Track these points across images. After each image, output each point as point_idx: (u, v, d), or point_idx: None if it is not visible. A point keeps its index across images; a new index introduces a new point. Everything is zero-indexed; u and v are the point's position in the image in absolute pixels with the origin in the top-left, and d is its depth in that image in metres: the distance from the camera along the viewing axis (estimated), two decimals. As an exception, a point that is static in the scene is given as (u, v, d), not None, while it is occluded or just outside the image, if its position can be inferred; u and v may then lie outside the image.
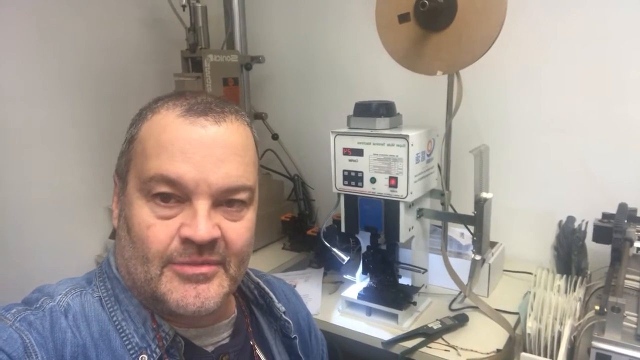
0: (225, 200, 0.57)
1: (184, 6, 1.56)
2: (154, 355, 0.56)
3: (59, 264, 1.52)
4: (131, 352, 0.55)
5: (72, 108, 1.54)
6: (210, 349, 0.62)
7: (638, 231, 1.13)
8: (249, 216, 0.60)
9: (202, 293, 0.55)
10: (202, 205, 0.54)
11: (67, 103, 1.53)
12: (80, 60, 1.54)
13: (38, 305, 0.55)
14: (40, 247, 1.49)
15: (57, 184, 1.53)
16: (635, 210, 1.20)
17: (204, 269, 0.56)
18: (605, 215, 1.21)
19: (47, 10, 1.45)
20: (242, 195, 0.58)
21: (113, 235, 1.62)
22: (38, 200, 1.48)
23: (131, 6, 1.68)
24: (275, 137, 1.80)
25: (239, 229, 0.58)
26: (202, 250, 0.55)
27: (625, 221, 1.14)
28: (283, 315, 0.71)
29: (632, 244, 1.11)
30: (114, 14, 1.62)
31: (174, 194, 0.55)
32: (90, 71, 1.57)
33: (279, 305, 0.71)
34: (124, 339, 0.56)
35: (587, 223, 1.25)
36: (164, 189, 0.54)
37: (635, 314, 0.89)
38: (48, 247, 1.51)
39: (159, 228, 0.54)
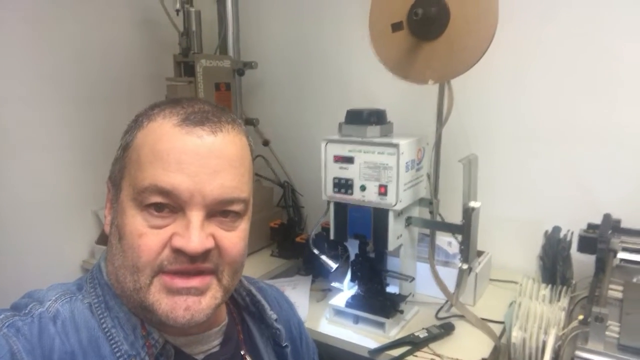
0: (219, 210, 0.57)
1: (177, 10, 1.56)
2: (143, 362, 0.55)
3: (45, 268, 1.49)
4: (120, 359, 0.55)
5: (63, 110, 1.52)
6: (200, 357, 0.62)
7: (622, 242, 1.15)
8: (243, 226, 0.60)
9: (192, 306, 0.55)
10: (195, 216, 0.54)
11: (57, 105, 1.51)
12: (72, 63, 1.53)
13: (27, 311, 0.55)
14: (26, 250, 1.47)
15: (45, 186, 1.51)
16: (619, 221, 1.22)
17: (196, 282, 0.55)
18: (590, 226, 1.22)
19: (41, 13, 1.44)
20: (237, 207, 0.58)
21: (100, 240, 1.60)
22: (25, 203, 1.46)
23: (124, 9, 1.67)
24: (266, 143, 1.81)
25: (233, 238, 0.58)
26: (194, 259, 0.54)
27: (610, 232, 1.15)
28: (275, 323, 0.70)
29: (615, 255, 1.12)
30: (107, 16, 1.61)
31: (168, 204, 0.54)
32: (82, 73, 1.56)
33: (270, 312, 0.71)
34: (114, 346, 0.55)
35: (572, 233, 1.27)
36: (158, 199, 0.54)
37: (618, 324, 0.91)
38: (34, 250, 1.49)
39: (150, 237, 0.54)
